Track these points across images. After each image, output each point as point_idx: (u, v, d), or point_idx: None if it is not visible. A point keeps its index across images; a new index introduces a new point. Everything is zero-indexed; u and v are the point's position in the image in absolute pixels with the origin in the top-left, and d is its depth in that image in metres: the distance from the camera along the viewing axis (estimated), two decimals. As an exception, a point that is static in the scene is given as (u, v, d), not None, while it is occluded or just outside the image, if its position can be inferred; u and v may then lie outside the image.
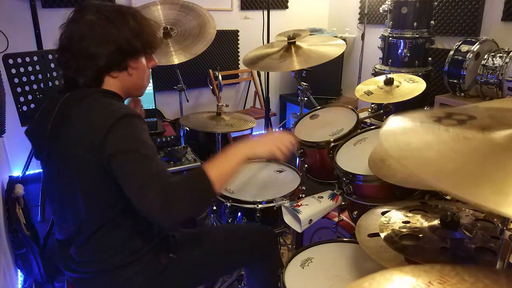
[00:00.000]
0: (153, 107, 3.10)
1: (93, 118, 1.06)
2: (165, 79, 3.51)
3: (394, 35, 3.03)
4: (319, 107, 1.97)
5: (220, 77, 3.02)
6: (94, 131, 1.03)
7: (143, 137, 1.06)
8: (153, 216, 1.02)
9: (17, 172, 3.12)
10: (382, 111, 1.87)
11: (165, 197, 0.98)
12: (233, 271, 1.62)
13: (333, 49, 1.91)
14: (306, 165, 1.77)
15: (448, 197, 1.33)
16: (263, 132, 3.70)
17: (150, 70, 1.28)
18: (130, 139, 1.04)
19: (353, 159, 1.52)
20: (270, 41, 3.13)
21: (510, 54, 2.53)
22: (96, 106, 1.09)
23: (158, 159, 1.07)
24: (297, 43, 1.97)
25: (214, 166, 1.09)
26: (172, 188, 1.00)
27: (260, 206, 1.62)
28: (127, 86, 1.21)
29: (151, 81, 2.39)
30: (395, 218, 1.09)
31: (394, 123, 0.72)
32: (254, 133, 4.09)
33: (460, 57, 2.75)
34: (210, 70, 3.47)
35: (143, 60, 1.21)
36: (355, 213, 1.48)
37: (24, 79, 2.23)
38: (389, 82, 1.81)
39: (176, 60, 2.27)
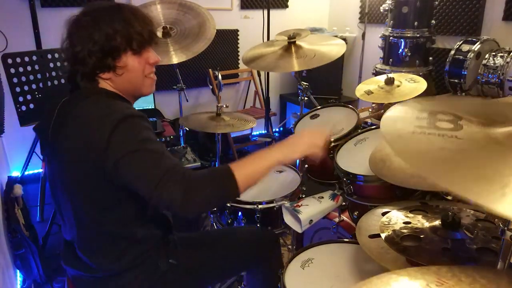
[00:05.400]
0: (153, 107, 3.10)
1: (93, 120, 1.03)
2: (165, 78, 3.50)
3: (395, 35, 3.02)
4: (319, 107, 1.96)
5: (220, 77, 3.02)
6: (94, 134, 1.00)
7: (147, 135, 1.03)
8: (175, 209, 1.01)
9: (16, 172, 3.11)
10: (383, 111, 1.86)
11: (186, 187, 0.97)
12: (233, 275, 1.61)
13: (333, 49, 1.90)
14: (306, 165, 1.77)
15: (449, 197, 1.32)
16: (263, 132, 3.69)
17: (154, 67, 1.19)
18: (135, 139, 1.00)
19: (353, 159, 1.51)
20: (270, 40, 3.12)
21: (511, 53, 2.52)
22: (96, 107, 1.06)
23: (169, 154, 1.05)
24: (297, 42, 1.96)
25: (242, 166, 1.06)
26: (191, 179, 0.99)
27: (260, 206, 1.62)
28: (123, 87, 1.15)
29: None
30: (396, 218, 1.08)
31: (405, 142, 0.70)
32: (254, 132, 4.09)
33: (461, 57, 2.73)
34: (210, 70, 3.46)
35: (131, 58, 1.12)
36: (355, 213, 1.47)
37: (23, 79, 2.22)
38: (389, 81, 1.81)
39: (175, 59, 2.25)
